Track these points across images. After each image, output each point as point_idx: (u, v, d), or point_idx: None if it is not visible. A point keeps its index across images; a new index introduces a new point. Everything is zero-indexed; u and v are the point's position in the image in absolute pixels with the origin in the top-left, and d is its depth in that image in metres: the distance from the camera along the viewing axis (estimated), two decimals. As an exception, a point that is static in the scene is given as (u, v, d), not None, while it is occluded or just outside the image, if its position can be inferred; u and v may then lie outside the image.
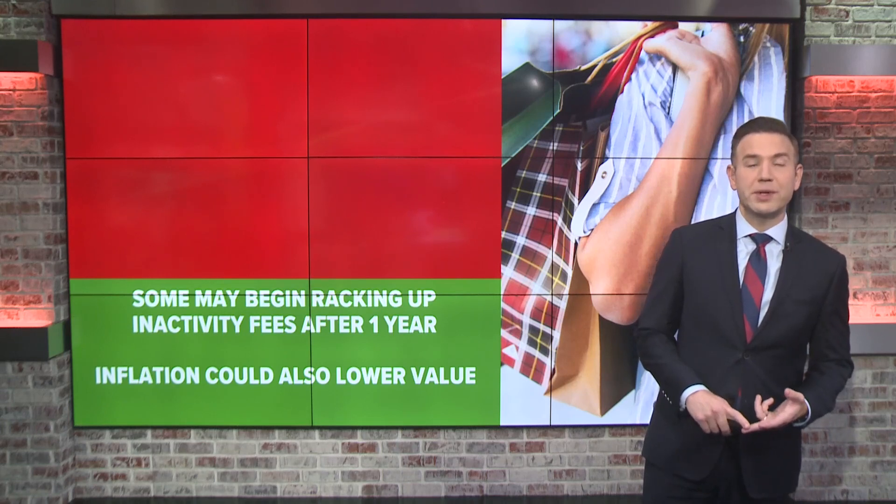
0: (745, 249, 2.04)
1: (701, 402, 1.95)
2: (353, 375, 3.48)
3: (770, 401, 1.94)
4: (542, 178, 3.42)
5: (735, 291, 2.00)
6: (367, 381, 3.48)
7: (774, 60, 3.38)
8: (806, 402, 1.93)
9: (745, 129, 2.03)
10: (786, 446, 2.06)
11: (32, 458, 3.39)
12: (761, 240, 2.03)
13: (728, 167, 2.10)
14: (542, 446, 3.55)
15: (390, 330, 3.47)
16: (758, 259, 2.02)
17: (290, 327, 3.46)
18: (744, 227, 2.05)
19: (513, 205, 3.43)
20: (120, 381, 3.47)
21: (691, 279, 2.07)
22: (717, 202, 3.41)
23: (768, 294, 2.00)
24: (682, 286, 2.10)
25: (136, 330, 3.46)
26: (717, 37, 3.38)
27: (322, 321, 3.46)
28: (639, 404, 3.49)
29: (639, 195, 3.42)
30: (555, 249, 3.45)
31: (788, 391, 1.91)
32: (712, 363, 2.02)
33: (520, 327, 3.48)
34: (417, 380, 3.48)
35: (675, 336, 2.19)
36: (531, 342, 3.48)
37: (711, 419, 1.92)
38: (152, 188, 3.42)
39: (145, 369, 3.47)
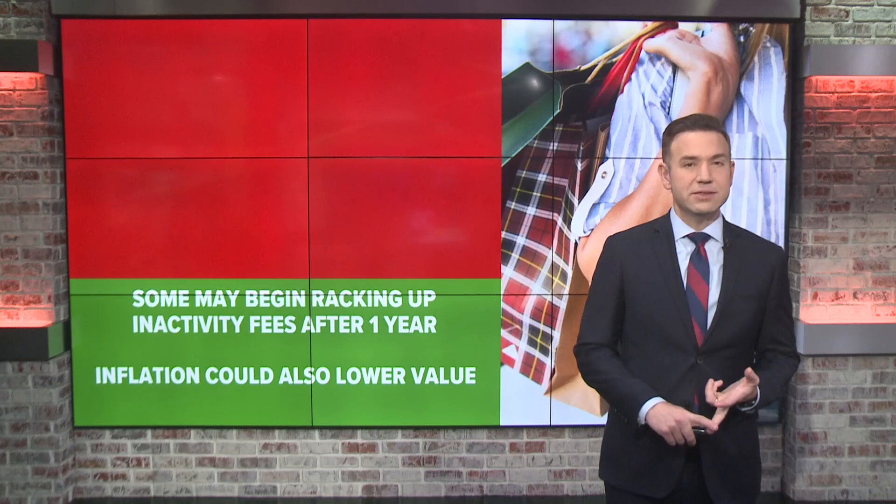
0: (684, 250, 1.97)
1: (662, 414, 1.87)
2: (353, 375, 3.48)
3: (719, 382, 1.88)
4: (542, 178, 3.42)
5: (680, 294, 1.93)
6: (367, 381, 3.48)
7: (774, 60, 3.38)
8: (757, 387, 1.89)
9: (679, 127, 1.94)
10: (746, 452, 1.99)
11: (32, 458, 3.39)
12: (700, 239, 1.96)
13: (660, 165, 2.01)
14: (542, 446, 3.55)
15: (390, 330, 3.47)
16: (699, 258, 1.96)
17: (290, 327, 3.46)
18: (681, 228, 1.98)
19: (513, 205, 3.43)
20: (120, 381, 3.47)
21: (633, 287, 1.99)
22: (717, 202, 3.41)
23: (714, 294, 1.94)
24: (622, 295, 2.01)
25: (136, 330, 3.46)
26: (717, 37, 3.38)
27: (322, 321, 3.46)
28: (639, 404, 3.48)
29: (639, 195, 3.42)
30: (555, 249, 3.45)
31: (748, 370, 1.85)
32: (664, 371, 1.94)
33: (520, 327, 3.48)
34: (417, 380, 3.48)
35: (619, 348, 2.11)
36: (531, 342, 3.48)
37: (676, 430, 1.85)
38: (152, 188, 3.42)
39: (145, 369, 3.47)
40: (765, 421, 3.53)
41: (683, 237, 1.98)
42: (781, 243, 3.44)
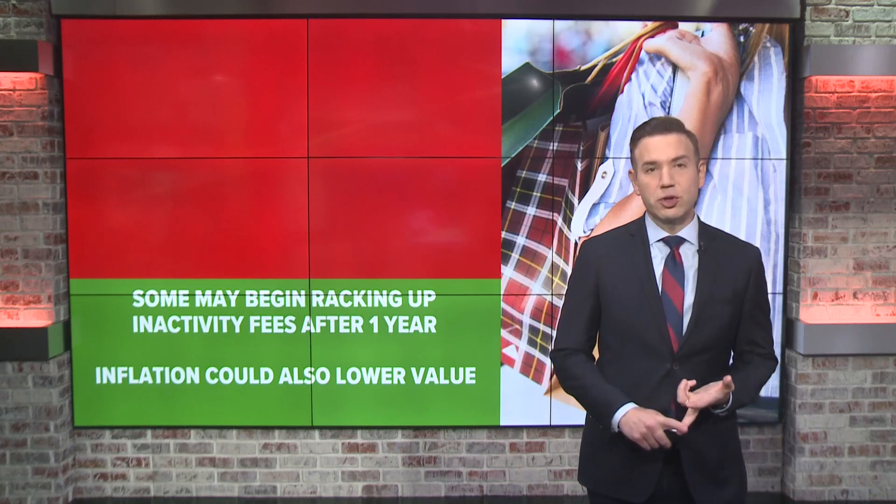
0: (659, 254, 1.95)
1: (633, 421, 1.84)
2: (353, 375, 3.48)
3: (692, 382, 1.85)
4: (542, 178, 3.42)
5: (655, 299, 1.90)
6: (367, 381, 3.48)
7: (774, 60, 3.38)
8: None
9: (640, 133, 1.93)
10: (727, 452, 1.97)
11: (32, 458, 3.39)
12: (674, 242, 1.94)
13: (629, 171, 2.00)
14: (542, 446, 3.55)
15: (390, 330, 3.47)
16: (674, 263, 1.93)
17: (290, 327, 3.46)
18: (655, 232, 1.96)
19: (513, 205, 3.43)
20: (120, 381, 3.47)
21: (608, 291, 1.96)
22: (717, 202, 3.41)
23: (689, 298, 1.90)
24: (598, 300, 1.98)
25: (136, 330, 3.46)
26: (717, 37, 3.38)
27: (322, 321, 3.46)
28: (639, 404, 3.49)
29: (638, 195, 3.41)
30: (555, 249, 3.45)
31: (727, 378, 1.83)
32: (641, 377, 1.91)
33: (520, 327, 3.48)
34: (417, 380, 3.48)
35: (596, 353, 2.08)
36: (531, 342, 3.48)
37: (649, 436, 1.82)
38: (152, 188, 3.42)
39: (145, 369, 3.47)
40: (765, 421, 3.53)
41: (658, 241, 1.96)
42: (781, 243, 3.45)
